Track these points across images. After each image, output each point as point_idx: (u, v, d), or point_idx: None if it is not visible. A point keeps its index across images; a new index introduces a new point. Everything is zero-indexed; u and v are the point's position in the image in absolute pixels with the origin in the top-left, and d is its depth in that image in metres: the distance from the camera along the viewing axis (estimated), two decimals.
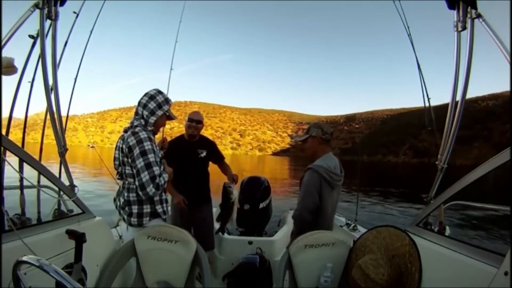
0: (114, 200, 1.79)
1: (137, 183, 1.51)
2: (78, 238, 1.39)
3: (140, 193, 1.52)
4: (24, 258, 0.77)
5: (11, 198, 1.51)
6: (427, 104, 1.86)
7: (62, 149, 1.67)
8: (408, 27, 2.04)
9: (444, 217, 1.64)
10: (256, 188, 2.87)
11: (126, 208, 1.62)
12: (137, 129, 1.59)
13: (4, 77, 1.19)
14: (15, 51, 1.35)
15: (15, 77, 1.47)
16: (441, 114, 1.65)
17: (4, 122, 1.49)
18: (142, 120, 1.65)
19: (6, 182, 1.42)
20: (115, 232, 2.03)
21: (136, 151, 1.52)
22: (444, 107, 1.55)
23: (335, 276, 1.59)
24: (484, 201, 2.00)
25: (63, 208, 1.66)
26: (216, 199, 2.50)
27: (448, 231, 1.64)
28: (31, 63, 1.55)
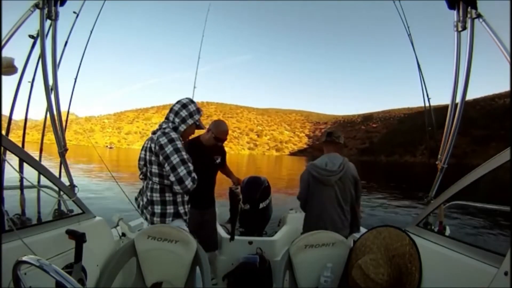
0: (136, 199, 1.83)
1: (173, 178, 1.54)
2: (78, 238, 1.39)
3: (178, 187, 1.54)
4: (24, 258, 0.77)
5: (11, 198, 1.51)
6: (427, 104, 1.86)
7: (62, 149, 1.67)
8: (408, 27, 2.04)
9: (444, 217, 1.64)
10: (256, 188, 2.86)
11: (149, 208, 1.65)
12: (167, 130, 1.64)
13: (4, 77, 1.19)
14: (15, 51, 1.35)
15: (15, 77, 1.48)
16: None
17: (4, 123, 1.49)
18: (171, 124, 1.70)
19: (6, 182, 1.42)
20: (115, 232, 2.03)
21: (169, 148, 1.55)
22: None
23: (335, 276, 1.59)
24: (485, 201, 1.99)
25: (63, 208, 1.66)
26: (218, 201, 2.50)
27: (448, 231, 1.64)
28: (31, 63, 1.56)
